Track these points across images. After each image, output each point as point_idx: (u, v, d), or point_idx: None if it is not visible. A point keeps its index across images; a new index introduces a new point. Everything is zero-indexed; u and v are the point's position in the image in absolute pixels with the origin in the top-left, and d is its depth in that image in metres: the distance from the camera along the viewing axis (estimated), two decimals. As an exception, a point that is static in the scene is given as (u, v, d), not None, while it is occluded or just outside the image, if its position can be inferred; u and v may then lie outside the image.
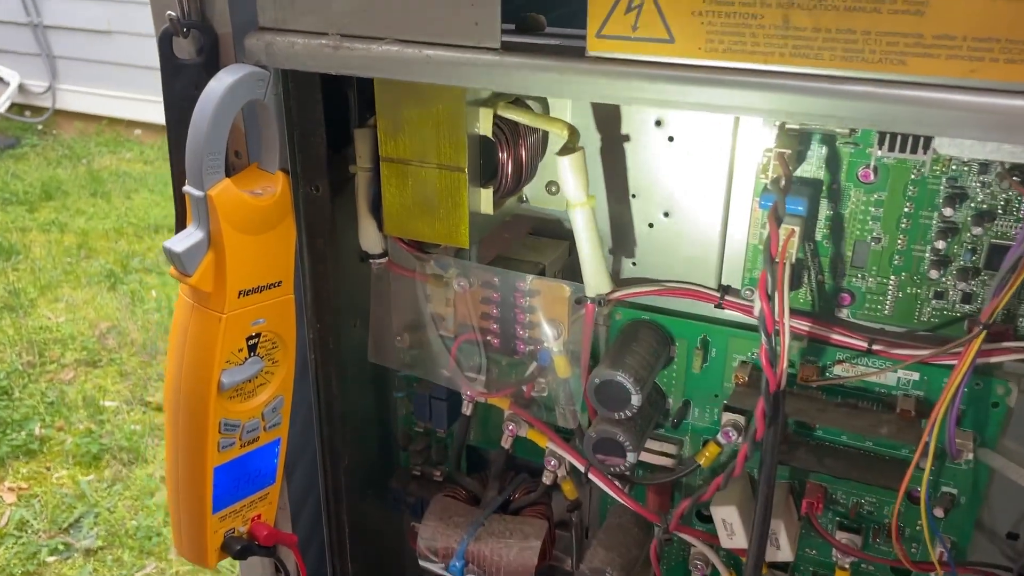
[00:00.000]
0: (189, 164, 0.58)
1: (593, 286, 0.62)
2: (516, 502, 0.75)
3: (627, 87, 0.50)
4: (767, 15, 0.46)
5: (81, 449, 2.17)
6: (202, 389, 0.63)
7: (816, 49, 0.46)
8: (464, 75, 0.53)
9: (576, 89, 0.51)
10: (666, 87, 0.49)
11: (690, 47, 0.48)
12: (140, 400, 2.44)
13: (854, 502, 0.67)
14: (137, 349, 2.65)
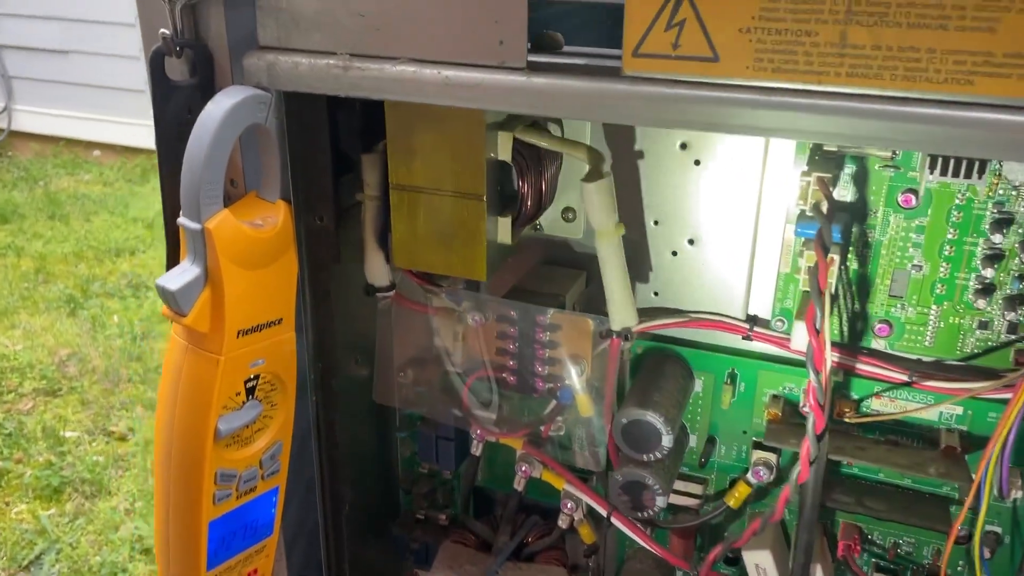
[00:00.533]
0: (185, 194, 0.54)
1: (619, 320, 0.58)
2: (530, 547, 0.71)
3: (668, 110, 0.46)
4: (822, 32, 0.43)
5: (41, 482, 2.09)
6: (197, 438, 0.58)
7: (876, 68, 0.43)
8: (487, 98, 0.49)
9: (612, 112, 0.47)
10: (710, 109, 0.45)
11: (736, 66, 0.45)
12: (103, 430, 2.36)
13: (892, 542, 0.63)
14: (99, 377, 2.56)
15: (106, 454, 2.27)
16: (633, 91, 0.46)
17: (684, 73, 0.46)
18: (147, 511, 2.08)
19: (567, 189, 0.63)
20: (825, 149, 0.55)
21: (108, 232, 3.36)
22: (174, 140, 0.57)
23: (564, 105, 0.48)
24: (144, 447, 2.29)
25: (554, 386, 0.62)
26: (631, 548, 0.71)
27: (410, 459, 0.75)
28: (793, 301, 0.60)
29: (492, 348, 0.62)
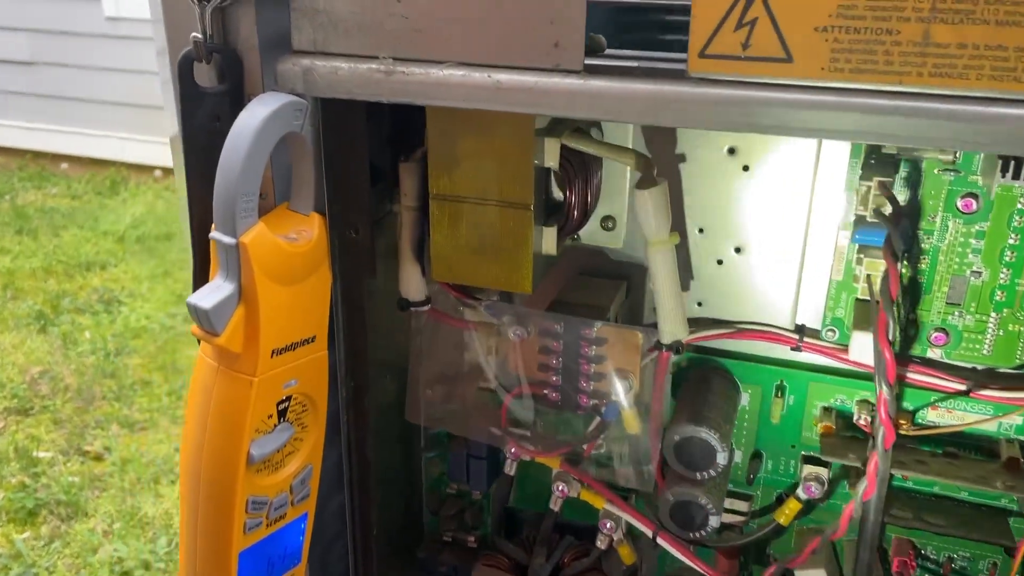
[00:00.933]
0: (219, 207, 0.51)
1: (670, 332, 0.56)
2: (566, 569, 0.68)
3: (737, 112, 0.44)
4: (904, 30, 0.41)
5: (15, 504, 2.03)
6: (229, 464, 0.55)
7: (960, 68, 0.41)
8: (542, 102, 0.46)
9: (676, 115, 0.45)
10: (783, 112, 0.43)
11: (811, 67, 0.43)
12: (77, 449, 2.30)
13: (946, 557, 0.62)
14: (72, 395, 2.50)
15: (82, 474, 2.21)
16: (700, 93, 0.44)
17: (755, 75, 0.44)
18: (126, 532, 2.03)
19: (606, 198, 0.61)
20: (883, 152, 0.53)
21: (78, 246, 3.29)
22: (201, 149, 0.54)
23: (625, 109, 0.45)
24: (121, 467, 2.23)
25: (599, 402, 0.59)
26: (671, 568, 0.69)
27: (437, 480, 0.72)
28: (845, 310, 0.58)
29: (534, 363, 0.60)
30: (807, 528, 0.64)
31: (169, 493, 2.16)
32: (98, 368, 2.62)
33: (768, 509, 0.65)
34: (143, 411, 2.46)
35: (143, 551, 1.98)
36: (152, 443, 2.34)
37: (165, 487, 2.18)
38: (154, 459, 2.27)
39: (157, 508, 2.11)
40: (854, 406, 0.60)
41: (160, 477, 2.22)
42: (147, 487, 2.19)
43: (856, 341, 0.55)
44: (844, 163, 0.55)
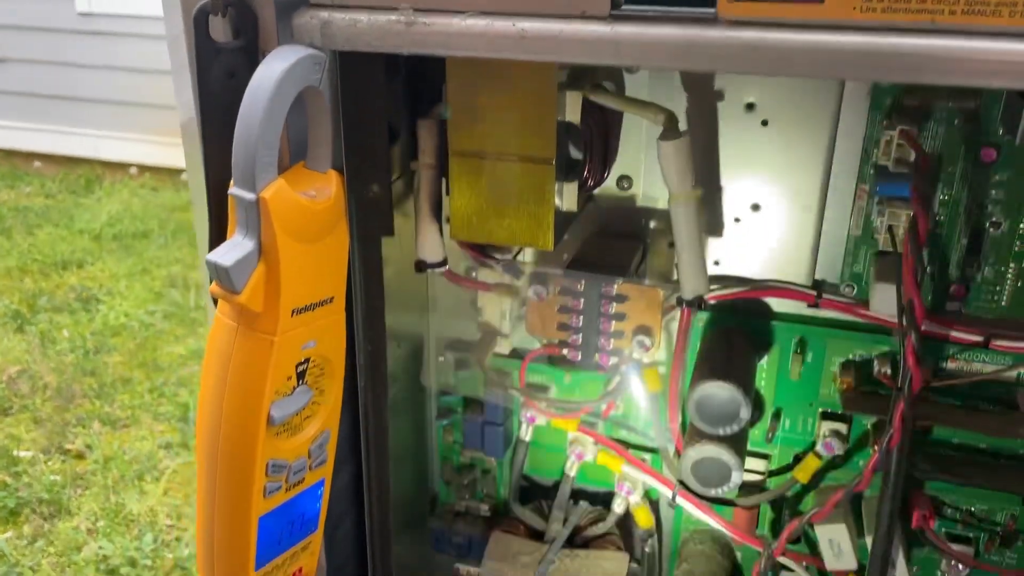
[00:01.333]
0: (237, 162, 0.50)
1: (691, 288, 0.55)
2: (583, 534, 0.68)
3: (769, 55, 0.43)
4: (937, -32, 0.41)
5: (-4, 504, 1.99)
6: (250, 425, 0.54)
7: (993, 6, 0.41)
8: (569, 50, 0.46)
9: (707, 60, 0.44)
10: (816, 54, 0.43)
11: (843, 6, 0.43)
12: (59, 448, 2.26)
13: (965, 510, 0.62)
14: (52, 394, 2.47)
15: (63, 473, 2.18)
16: (730, 36, 0.44)
17: (787, 16, 0.43)
18: (111, 530, 2.00)
19: (622, 157, 0.61)
20: (904, 102, 0.53)
21: (53, 245, 3.25)
22: (217, 106, 0.53)
23: (653, 55, 0.45)
24: (104, 464, 2.21)
25: (619, 361, 0.59)
26: (687, 530, 0.68)
27: (450, 448, 0.71)
28: (864, 265, 0.58)
29: (553, 323, 0.59)
30: (826, 487, 0.64)
31: (153, 490, 2.14)
32: (77, 366, 2.59)
33: (786, 469, 0.65)
34: (125, 408, 2.43)
35: (129, 548, 1.96)
36: (135, 440, 2.31)
37: (149, 484, 2.16)
38: (137, 456, 2.24)
39: (142, 505, 2.08)
40: (874, 360, 0.60)
41: (144, 474, 2.19)
42: (131, 484, 2.16)
43: (878, 293, 0.54)
44: (863, 116, 0.55)
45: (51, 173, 3.80)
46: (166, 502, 2.11)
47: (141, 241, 3.32)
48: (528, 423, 0.65)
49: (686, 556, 0.66)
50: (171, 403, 2.45)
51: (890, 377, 0.58)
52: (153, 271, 3.13)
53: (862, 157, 0.56)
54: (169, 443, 2.30)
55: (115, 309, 2.87)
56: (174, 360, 2.65)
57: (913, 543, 0.64)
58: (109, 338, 2.73)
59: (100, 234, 3.35)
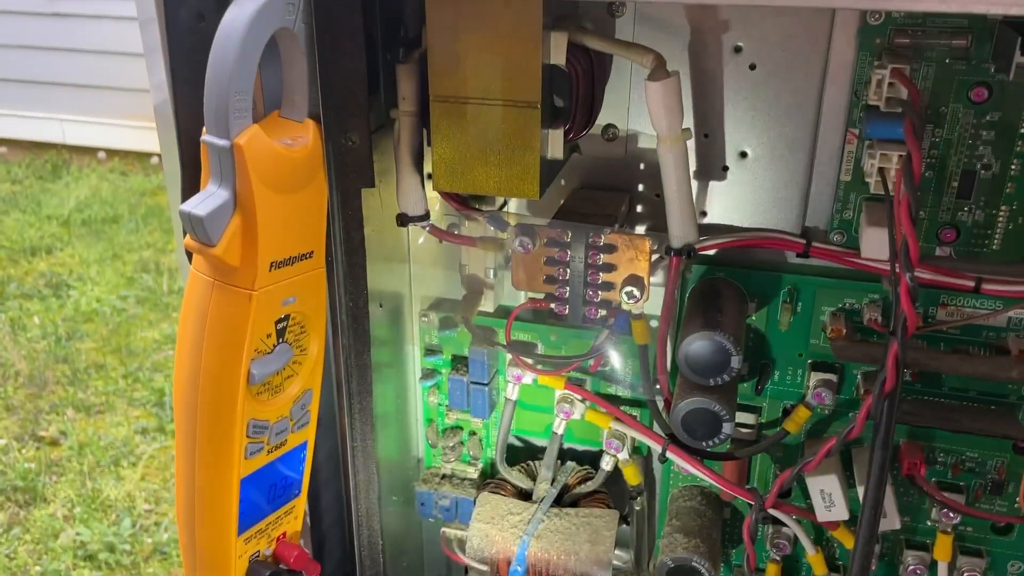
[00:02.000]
0: (210, 108, 0.48)
1: (680, 236, 0.54)
2: (571, 492, 0.67)
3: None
4: None
5: (-31, 492, 1.96)
6: (229, 383, 0.52)
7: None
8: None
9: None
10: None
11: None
12: (32, 435, 2.23)
13: (954, 459, 0.61)
14: (24, 381, 2.43)
15: (38, 460, 2.15)
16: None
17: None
18: (88, 516, 1.97)
19: (607, 106, 0.59)
20: (895, 43, 0.52)
21: (21, 231, 3.19)
22: (186, 51, 0.52)
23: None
24: (79, 451, 2.18)
25: (606, 314, 0.58)
26: (676, 487, 0.68)
27: (434, 410, 0.70)
28: (854, 212, 0.57)
29: (540, 277, 0.58)
30: (815, 439, 0.63)
31: (130, 475, 2.11)
32: (49, 353, 2.55)
33: (775, 423, 0.64)
34: (99, 394, 2.40)
35: (107, 534, 1.93)
36: (110, 426, 2.28)
37: (126, 469, 2.13)
38: (113, 442, 2.21)
39: (119, 491, 2.06)
40: (863, 308, 0.59)
41: (120, 459, 2.17)
42: (107, 470, 2.13)
43: (869, 237, 0.54)
44: (852, 58, 0.54)
45: (17, 159, 3.73)
46: (144, 487, 2.09)
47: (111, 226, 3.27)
48: (515, 382, 0.64)
49: (676, 512, 0.65)
50: (146, 388, 2.42)
51: (881, 324, 0.57)
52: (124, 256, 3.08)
53: (851, 100, 0.55)
54: (145, 428, 2.28)
55: (86, 295, 2.83)
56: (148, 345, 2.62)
57: (902, 492, 0.63)
58: (81, 324, 2.69)
59: (69, 219, 3.29)
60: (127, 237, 3.20)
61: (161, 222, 3.30)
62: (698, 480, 0.66)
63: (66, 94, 3.66)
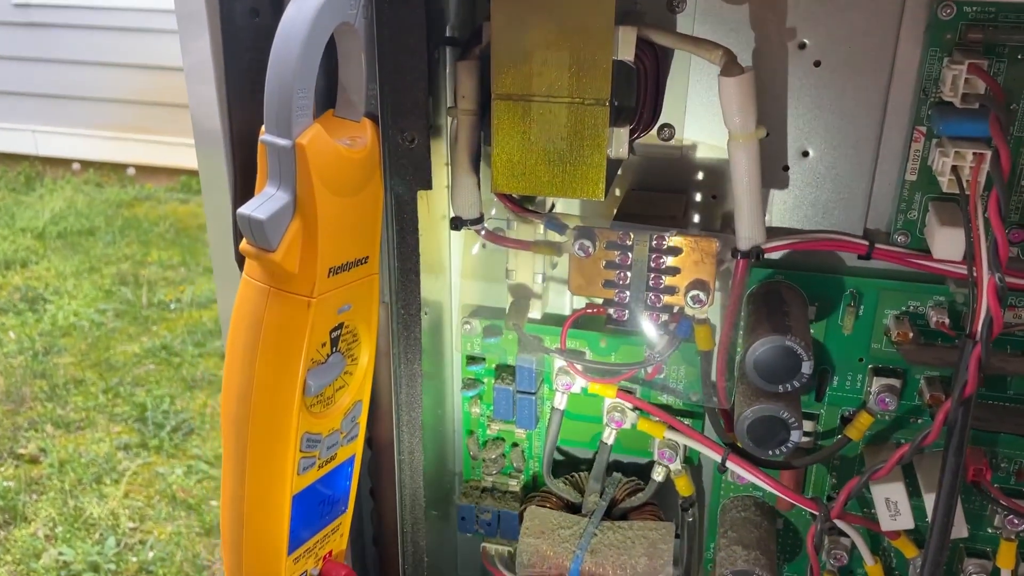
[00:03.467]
0: (271, 106, 0.46)
1: (748, 237, 0.53)
2: (621, 505, 0.65)
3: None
4: None
5: (-53, 512, 1.90)
6: (284, 395, 0.50)
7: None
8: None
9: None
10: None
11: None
12: (10, 452, 2.17)
13: (1019, 464, 0.60)
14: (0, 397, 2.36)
15: (17, 478, 2.10)
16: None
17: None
18: (70, 535, 1.92)
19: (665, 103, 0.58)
20: (969, 38, 0.51)
21: (-6, 245, 3.12)
22: (241, 47, 0.49)
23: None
24: (59, 468, 2.12)
25: (669, 319, 0.56)
26: (727, 498, 0.66)
27: (475, 421, 0.68)
28: (919, 212, 0.56)
29: (599, 281, 0.56)
30: (876, 446, 0.61)
31: (113, 492, 2.06)
32: (27, 368, 2.49)
33: (833, 431, 0.62)
34: (78, 410, 2.34)
35: (90, 553, 1.88)
36: (91, 442, 2.23)
37: (109, 487, 2.08)
38: (94, 459, 2.16)
39: (102, 508, 2.01)
40: (928, 311, 0.57)
41: (102, 476, 2.11)
42: (89, 488, 2.08)
43: (942, 238, 0.52)
44: (918, 54, 0.53)
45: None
46: (127, 504, 2.04)
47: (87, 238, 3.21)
48: (564, 391, 0.62)
49: (730, 524, 0.63)
50: (127, 403, 2.36)
51: (949, 327, 0.56)
52: (102, 269, 3.02)
53: (919, 98, 0.54)
54: (127, 444, 2.23)
55: (63, 309, 2.77)
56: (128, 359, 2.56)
57: (964, 499, 0.62)
58: (59, 339, 2.64)
59: (44, 232, 3.23)
60: (104, 249, 3.14)
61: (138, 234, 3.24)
62: (752, 490, 0.64)
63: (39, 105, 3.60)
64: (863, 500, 0.61)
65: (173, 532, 1.95)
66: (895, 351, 0.58)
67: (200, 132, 0.53)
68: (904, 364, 0.59)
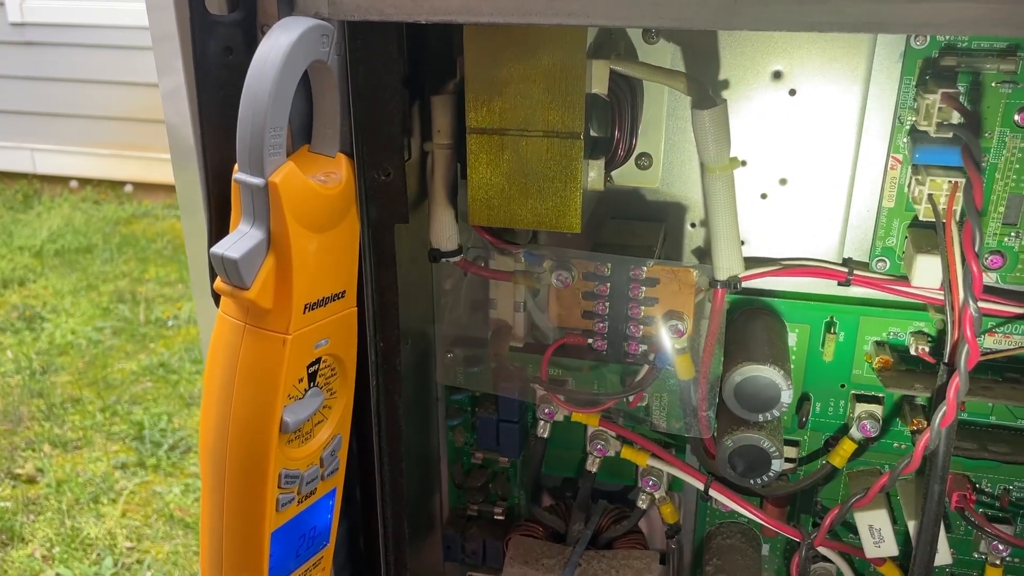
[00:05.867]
0: (244, 145, 0.46)
1: (726, 267, 0.53)
2: (606, 533, 0.65)
3: (822, 9, 0.41)
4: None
5: (-56, 533, 1.90)
6: (261, 433, 0.50)
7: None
8: (601, 11, 0.43)
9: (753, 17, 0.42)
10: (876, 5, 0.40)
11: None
12: (8, 473, 2.17)
13: (1002, 489, 0.60)
14: (-3, 417, 2.36)
15: (14, 499, 2.09)
16: (779, -8, 0.41)
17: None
18: (68, 556, 1.92)
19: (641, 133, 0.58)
20: (942, 66, 0.51)
21: (-15, 263, 3.12)
22: (214, 85, 0.49)
23: (696, 13, 0.42)
24: (56, 488, 2.12)
25: (648, 348, 0.56)
26: (712, 525, 0.66)
27: (460, 450, 0.67)
28: (897, 239, 0.56)
29: (578, 311, 0.56)
30: (858, 472, 0.61)
31: (111, 512, 2.05)
32: (24, 387, 2.48)
33: (816, 456, 0.62)
34: (76, 429, 2.34)
35: (88, 574, 1.88)
36: (88, 462, 2.22)
37: (106, 506, 2.08)
38: (92, 478, 2.16)
39: (99, 528, 2.00)
40: (908, 338, 0.57)
41: (100, 496, 2.11)
42: (86, 507, 2.07)
43: (920, 266, 0.52)
44: (895, 82, 0.53)
45: (-17, 188, 3.66)
46: (125, 524, 2.03)
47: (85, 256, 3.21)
48: (547, 419, 0.62)
49: (715, 552, 0.63)
50: (125, 422, 2.36)
51: (929, 354, 0.56)
52: (99, 286, 3.02)
53: (894, 125, 0.54)
54: (125, 463, 2.22)
55: (61, 327, 2.77)
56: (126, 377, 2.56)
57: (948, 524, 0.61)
58: (56, 357, 2.63)
59: (41, 250, 3.23)
60: (102, 267, 3.14)
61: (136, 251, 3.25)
62: (737, 517, 0.64)
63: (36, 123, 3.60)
64: (848, 526, 0.61)
65: (171, 551, 1.94)
66: (876, 377, 0.57)
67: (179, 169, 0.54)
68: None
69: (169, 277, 3.09)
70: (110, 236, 3.34)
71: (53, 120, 3.58)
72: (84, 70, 3.44)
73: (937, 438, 0.50)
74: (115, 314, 2.85)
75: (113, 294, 2.97)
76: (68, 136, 3.59)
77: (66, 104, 3.54)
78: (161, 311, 2.87)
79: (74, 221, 3.45)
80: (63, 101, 3.54)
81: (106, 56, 3.40)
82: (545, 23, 0.43)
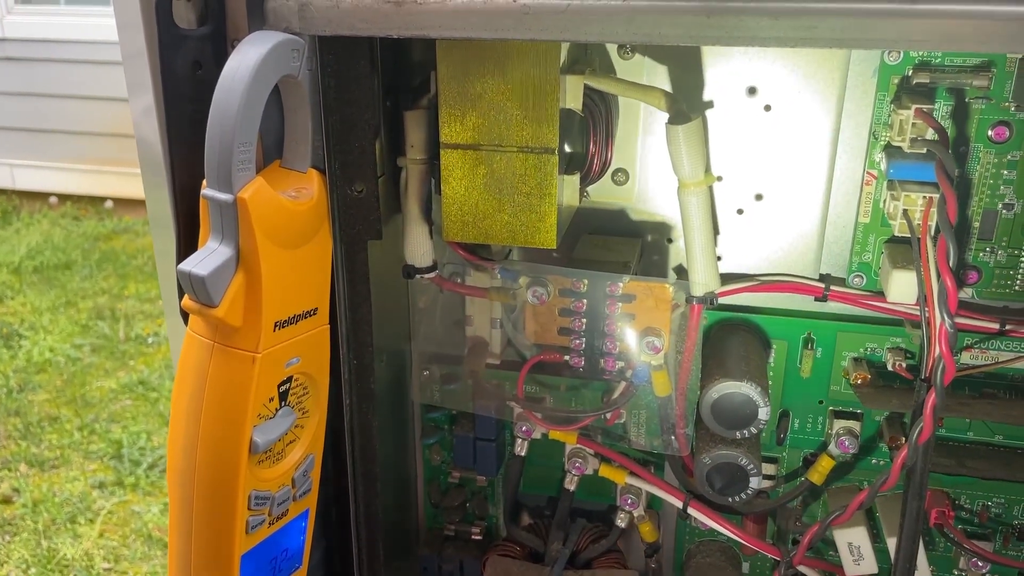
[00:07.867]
0: (212, 160, 0.45)
1: (702, 283, 0.52)
2: (584, 553, 0.64)
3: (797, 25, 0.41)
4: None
5: (-83, 556, 1.86)
6: (230, 453, 0.49)
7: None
8: (575, 27, 0.42)
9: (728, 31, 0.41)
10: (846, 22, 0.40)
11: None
12: (-16, 493, 2.14)
13: (981, 505, 0.60)
14: (-28, 436, 2.33)
15: (-9, 519, 2.06)
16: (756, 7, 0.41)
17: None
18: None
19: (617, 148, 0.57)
20: (915, 81, 0.51)
21: (-34, 276, 3.09)
22: (182, 100, 0.48)
23: (671, 28, 0.42)
24: (32, 508, 2.09)
25: (625, 365, 0.55)
26: (692, 543, 0.65)
27: (436, 469, 0.67)
28: (873, 255, 0.56)
29: (554, 328, 0.55)
30: (837, 488, 0.61)
31: (88, 532, 2.03)
32: (0, 406, 2.45)
33: (795, 473, 0.62)
34: (53, 448, 2.31)
35: (64, 596, 1.85)
36: (65, 481, 2.19)
37: (83, 526, 2.05)
38: (69, 498, 2.13)
39: (76, 549, 1.97)
40: (886, 354, 0.57)
41: (77, 516, 2.08)
42: (63, 528, 2.05)
43: (896, 281, 0.52)
44: (870, 98, 0.53)
45: (-37, 202, 3.63)
46: (102, 544, 2.00)
47: (64, 273, 3.18)
48: (524, 437, 0.61)
49: (695, 570, 0.62)
50: (103, 440, 2.33)
51: (907, 370, 0.56)
52: (78, 303, 2.99)
53: (869, 141, 0.54)
54: (102, 482, 2.19)
55: (39, 344, 2.74)
56: (105, 395, 2.53)
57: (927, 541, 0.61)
58: (33, 375, 2.60)
59: (20, 267, 3.20)
60: (81, 283, 3.11)
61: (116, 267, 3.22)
62: (716, 536, 0.63)
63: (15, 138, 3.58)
64: (828, 543, 0.61)
65: (149, 572, 1.92)
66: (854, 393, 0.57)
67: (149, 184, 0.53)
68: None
69: (149, 294, 3.07)
70: (89, 252, 3.31)
71: (33, 136, 3.56)
72: (64, 85, 3.42)
73: (915, 454, 0.49)
74: (94, 331, 2.82)
75: (92, 311, 2.94)
76: (48, 152, 3.57)
77: (46, 120, 3.52)
78: (141, 328, 2.84)
79: (53, 237, 3.42)
80: (43, 116, 3.52)
81: (86, 72, 3.39)
82: (518, 38, 0.43)
